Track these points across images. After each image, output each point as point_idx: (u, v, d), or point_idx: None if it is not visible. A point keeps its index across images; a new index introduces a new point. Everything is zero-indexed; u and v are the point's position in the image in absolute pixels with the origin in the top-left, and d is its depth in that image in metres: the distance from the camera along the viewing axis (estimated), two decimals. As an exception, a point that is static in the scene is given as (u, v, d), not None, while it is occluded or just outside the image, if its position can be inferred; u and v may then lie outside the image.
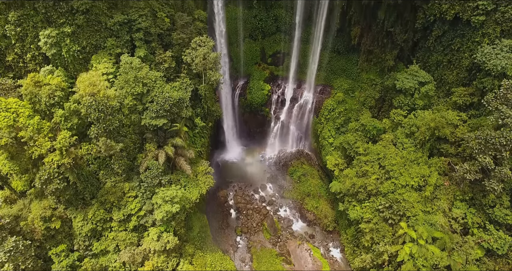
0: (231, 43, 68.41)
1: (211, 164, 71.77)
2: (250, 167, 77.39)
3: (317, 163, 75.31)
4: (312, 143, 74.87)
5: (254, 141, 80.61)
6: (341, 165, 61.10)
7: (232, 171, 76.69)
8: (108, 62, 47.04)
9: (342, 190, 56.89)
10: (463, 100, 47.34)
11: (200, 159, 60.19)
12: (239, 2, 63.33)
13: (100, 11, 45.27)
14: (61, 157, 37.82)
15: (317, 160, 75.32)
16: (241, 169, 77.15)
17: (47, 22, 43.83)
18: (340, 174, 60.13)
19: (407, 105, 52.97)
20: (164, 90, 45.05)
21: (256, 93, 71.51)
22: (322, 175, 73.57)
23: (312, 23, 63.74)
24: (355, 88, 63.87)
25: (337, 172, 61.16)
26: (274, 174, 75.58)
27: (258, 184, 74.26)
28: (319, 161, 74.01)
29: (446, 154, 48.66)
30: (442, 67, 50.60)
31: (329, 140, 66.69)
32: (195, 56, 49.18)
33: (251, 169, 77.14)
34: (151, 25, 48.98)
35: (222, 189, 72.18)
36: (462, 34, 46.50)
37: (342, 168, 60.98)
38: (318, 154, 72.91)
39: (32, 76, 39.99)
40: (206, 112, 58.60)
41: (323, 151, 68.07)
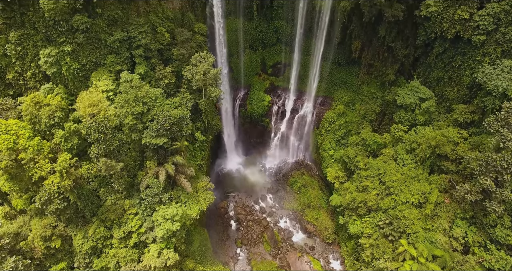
0: (231, 54, 68.22)
1: (211, 174, 72.41)
2: (250, 177, 77.35)
3: (317, 174, 75.29)
4: (313, 153, 74.83)
5: (254, 151, 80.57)
6: (341, 178, 61.19)
7: (232, 181, 76.68)
8: (108, 79, 46.88)
9: (342, 204, 56.96)
10: (464, 118, 47.25)
11: (201, 172, 60.18)
12: (240, 14, 63.07)
13: (100, 28, 45.07)
14: (61, 179, 37.76)
15: (317, 171, 75.29)
16: (241, 179, 77.10)
17: (47, 41, 43.69)
18: (340, 186, 60.25)
19: (407, 121, 52.92)
20: (164, 109, 44.95)
21: (256, 104, 71.42)
22: (322, 185, 73.57)
23: (312, 35, 63.59)
24: (355, 100, 63.75)
25: (337, 184, 61.26)
26: (274, 184, 75.56)
27: (258, 195, 74.25)
28: (319, 171, 74.00)
29: (447, 170, 48.61)
30: (443, 84, 50.49)
31: (330, 152, 66.70)
32: (195, 73, 49.04)
33: (252, 179, 77.11)
34: (151, 41, 48.82)
35: (222, 200, 72.19)
36: (463, 52, 46.37)
37: (342, 181, 61.10)
38: (318, 164, 72.90)
39: (32, 96, 39.90)
40: (206, 126, 58.53)
41: (324, 163, 68.09)
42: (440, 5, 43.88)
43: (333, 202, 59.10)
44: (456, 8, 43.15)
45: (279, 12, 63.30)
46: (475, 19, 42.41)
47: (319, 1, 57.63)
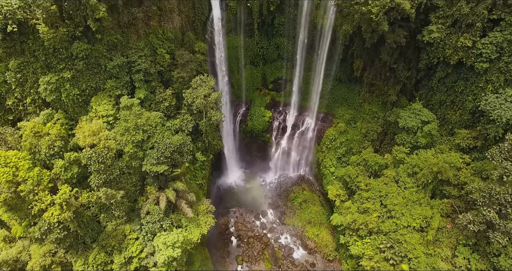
0: (232, 70, 67.86)
1: (211, 189, 72.25)
2: (251, 192, 77.14)
3: (318, 189, 75.06)
4: (314, 168, 74.59)
5: (255, 164, 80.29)
6: (342, 196, 60.97)
7: (232, 195, 76.50)
8: (108, 104, 46.56)
9: (343, 223, 56.75)
10: (467, 143, 46.92)
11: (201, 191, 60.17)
12: (240, 31, 62.65)
13: (99, 54, 44.72)
14: (62, 211, 37.50)
15: (318, 186, 75.07)
16: (242, 193, 76.90)
17: (47, 67, 43.33)
18: (341, 205, 60.06)
19: (409, 143, 52.62)
20: (164, 136, 44.69)
21: (257, 120, 71.10)
22: (323, 201, 73.36)
23: (314, 52, 63.21)
24: (357, 118, 63.42)
25: (338, 202, 61.05)
26: (275, 200, 75.36)
27: (259, 210, 74.06)
28: (320, 186, 73.78)
29: (449, 195, 48.35)
30: (445, 107, 50.14)
31: (331, 169, 66.49)
32: (196, 97, 48.71)
33: (252, 193, 76.90)
34: (151, 65, 48.49)
35: (223, 215, 71.98)
36: (465, 77, 46.00)
37: (343, 199, 60.88)
38: (319, 180, 72.69)
39: (31, 126, 39.62)
40: (207, 146, 58.22)
41: (325, 179, 67.89)
42: (442, 32, 43.47)
43: (334, 221, 58.87)
44: (459, 36, 42.75)
45: (280, 30, 62.86)
46: (478, 47, 42.02)
47: (320, 20, 57.23)
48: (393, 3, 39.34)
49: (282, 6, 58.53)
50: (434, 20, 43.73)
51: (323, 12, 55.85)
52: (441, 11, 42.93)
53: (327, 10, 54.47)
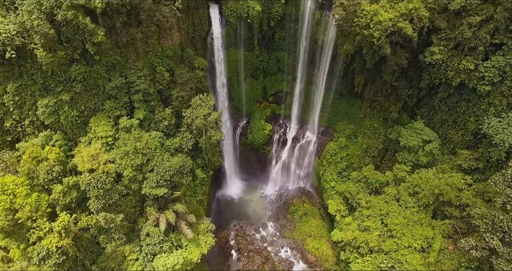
0: (232, 83, 67.45)
1: (211, 201, 71.96)
2: (251, 204, 76.90)
3: (318, 201, 74.76)
4: (314, 181, 74.27)
5: (255, 176, 79.97)
6: (342, 211, 60.62)
7: (233, 207, 76.28)
8: (107, 124, 46.18)
9: (343, 240, 56.46)
10: (468, 164, 46.54)
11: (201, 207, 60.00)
12: (240, 45, 62.15)
13: (98, 75, 44.31)
14: (60, 238, 37.19)
15: (318, 198, 74.76)
16: (242, 205, 76.65)
17: (45, 90, 42.94)
18: (341, 220, 59.78)
19: (410, 162, 52.22)
20: (164, 158, 44.35)
21: (257, 133, 70.72)
22: (323, 214, 73.07)
23: (315, 66, 62.76)
24: (357, 133, 63.04)
25: (338, 217, 60.73)
26: (275, 212, 75.08)
27: (259, 223, 73.79)
28: (320, 199, 73.47)
29: (450, 216, 48.02)
30: (447, 126, 49.70)
31: (331, 183, 66.19)
32: (195, 117, 48.33)
33: (252, 206, 76.66)
34: (150, 84, 48.06)
35: (223, 229, 71.74)
36: (467, 99, 45.56)
37: (343, 215, 60.54)
38: (319, 192, 72.40)
39: (30, 152, 39.28)
40: (207, 162, 57.84)
41: (325, 193, 67.62)
42: (444, 54, 43.04)
43: (335, 237, 58.52)
44: (461, 58, 42.30)
45: (280, 44, 62.39)
46: (480, 70, 41.56)
47: (321, 35, 56.76)
48: (395, 27, 38.88)
49: (282, 22, 58.04)
50: (436, 42, 43.31)
51: (324, 28, 55.38)
52: (443, 33, 42.51)
53: (328, 26, 53.99)
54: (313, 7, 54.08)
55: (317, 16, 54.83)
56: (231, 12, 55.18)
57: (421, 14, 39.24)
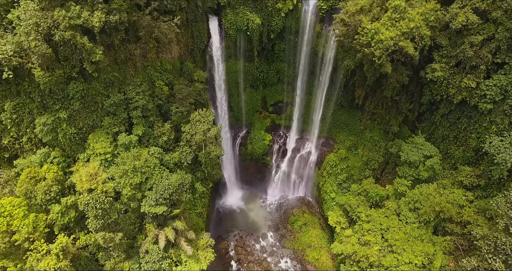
0: (232, 94, 67.04)
1: (211, 211, 71.64)
2: (251, 214, 76.59)
3: (318, 211, 74.47)
4: (314, 191, 73.96)
5: (255, 185, 79.69)
6: (343, 224, 60.41)
7: (232, 217, 75.95)
8: (106, 141, 45.87)
9: (344, 253, 56.21)
10: (470, 181, 46.20)
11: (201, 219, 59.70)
12: (240, 57, 61.69)
13: (96, 92, 44.00)
14: (58, 260, 36.88)
15: (318, 208, 74.47)
16: (241, 215, 76.36)
17: (42, 108, 42.60)
18: (341, 232, 59.59)
19: (411, 176, 51.89)
20: (163, 177, 44.00)
21: (257, 144, 70.38)
22: (323, 224, 72.78)
23: (315, 77, 62.36)
24: (358, 145, 62.65)
25: (338, 229, 60.53)
26: (275, 222, 74.80)
27: (259, 233, 73.52)
28: (320, 209, 73.19)
29: (452, 232, 47.73)
30: (448, 142, 49.34)
31: (331, 195, 65.90)
32: (194, 133, 47.95)
33: (252, 215, 76.35)
34: (149, 100, 47.68)
35: (223, 239, 71.48)
36: (469, 115, 45.17)
37: (343, 227, 60.33)
38: (319, 202, 72.10)
39: (27, 171, 38.93)
40: (207, 176, 57.52)
41: (325, 204, 67.35)
42: (446, 71, 42.62)
43: (335, 250, 58.20)
44: (463, 76, 41.89)
45: (280, 55, 61.92)
46: (482, 88, 41.16)
47: (321, 48, 56.35)
48: (396, 46, 38.45)
49: (282, 34, 57.56)
50: (438, 59, 42.90)
51: (325, 41, 54.97)
52: (444, 50, 42.08)
53: (329, 39, 53.56)
54: (314, 20, 53.65)
55: (317, 29, 54.39)
56: (230, 25, 54.71)
57: (422, 33, 38.82)
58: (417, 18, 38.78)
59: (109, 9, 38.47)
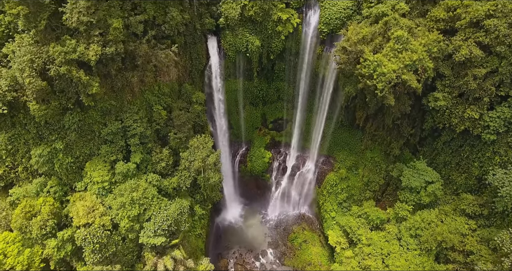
0: (231, 112, 66.28)
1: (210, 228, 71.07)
2: (250, 230, 76.00)
3: (318, 227, 73.90)
4: (314, 207, 73.41)
5: (254, 200, 79.06)
6: (343, 244, 60.00)
7: (232, 234, 75.40)
8: (103, 169, 45.15)
9: (344, 274, 55.86)
10: (472, 210, 45.59)
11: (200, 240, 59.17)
12: (239, 75, 60.87)
13: (93, 120, 43.24)
14: (55, 298, 36.33)
15: (318, 224, 73.89)
16: (241, 231, 75.79)
17: (38, 138, 41.83)
18: (342, 252, 59.26)
19: (412, 201, 51.27)
20: (161, 207, 43.38)
21: (256, 161, 69.72)
22: (323, 241, 72.23)
23: (315, 96, 61.56)
24: (358, 165, 61.96)
25: (338, 249, 60.16)
26: (274, 239, 74.26)
27: (258, 250, 72.98)
28: (320, 226, 72.61)
29: (454, 261, 47.20)
30: (450, 168, 48.69)
31: (331, 214, 65.30)
32: (193, 160, 47.25)
33: (252, 231, 75.77)
34: (147, 127, 46.93)
35: (222, 257, 70.98)
36: (472, 144, 44.51)
37: (344, 247, 59.92)
38: (319, 219, 71.54)
39: (22, 206, 38.30)
40: (206, 198, 56.89)
41: (325, 223, 66.77)
42: (449, 101, 41.88)
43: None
44: (466, 107, 41.16)
45: (280, 75, 61.08)
46: (485, 119, 40.49)
47: (322, 69, 55.56)
48: (399, 79, 37.70)
49: (282, 55, 56.69)
50: (440, 88, 42.14)
51: (325, 63, 54.17)
52: (447, 80, 41.30)
53: (329, 62, 52.75)
54: (314, 42, 52.81)
55: (318, 51, 53.55)
56: (229, 46, 53.88)
57: (425, 65, 38.05)
58: (420, 50, 38.00)
59: (105, 41, 37.66)
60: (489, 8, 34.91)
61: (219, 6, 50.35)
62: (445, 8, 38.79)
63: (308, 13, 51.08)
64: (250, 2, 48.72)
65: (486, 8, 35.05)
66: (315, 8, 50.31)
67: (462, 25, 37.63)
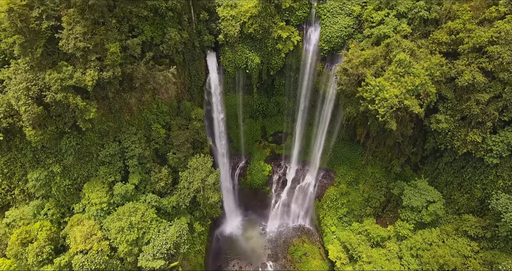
0: (230, 126, 65.71)
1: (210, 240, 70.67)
2: (250, 242, 75.49)
3: (318, 240, 73.47)
4: (314, 220, 72.94)
5: (254, 212, 78.56)
6: (343, 259, 59.61)
7: (232, 246, 74.85)
8: (101, 190, 44.65)
9: (345, 292, 55.49)
10: (475, 232, 45.11)
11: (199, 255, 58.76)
12: (239, 90, 60.26)
13: (90, 142, 42.68)
14: None
15: (318, 237, 73.46)
16: (241, 243, 75.26)
17: (35, 161, 41.25)
18: (342, 267, 58.89)
19: (413, 220, 50.84)
20: (160, 230, 42.86)
21: (256, 175, 69.23)
22: (323, 253, 71.78)
23: (316, 110, 61.07)
24: (359, 179, 61.45)
25: (338, 264, 59.85)
26: (274, 251, 73.79)
27: (258, 262, 72.47)
28: (320, 238, 72.20)
29: (455, 282, 46.75)
30: (451, 188, 48.20)
31: (331, 228, 64.89)
32: (193, 180, 46.72)
33: (252, 243, 75.26)
34: (145, 147, 46.35)
35: (222, 270, 70.46)
36: (474, 166, 44.00)
37: (344, 262, 59.53)
38: (319, 231, 71.13)
39: (18, 233, 37.67)
40: (205, 214, 56.37)
41: (325, 237, 66.40)
42: (451, 123, 41.33)
43: (335, 288, 57.59)
44: (468, 130, 40.60)
45: (280, 90, 60.49)
46: (488, 143, 39.97)
47: (323, 86, 55.00)
48: (401, 104, 37.12)
49: (282, 70, 56.06)
50: (442, 110, 41.59)
51: (326, 80, 53.60)
52: (449, 103, 40.74)
53: (330, 79, 52.18)
54: (315, 59, 52.21)
55: (319, 68, 52.95)
56: (229, 63, 53.23)
57: (428, 90, 37.48)
58: (422, 74, 37.41)
59: (102, 65, 37.03)
60: (492, 35, 34.31)
61: (218, 23, 49.67)
62: (447, 31, 38.18)
63: (309, 30, 50.44)
64: (249, 19, 48.06)
65: (489, 34, 34.45)
66: (316, 25, 49.68)
67: (464, 50, 37.05)
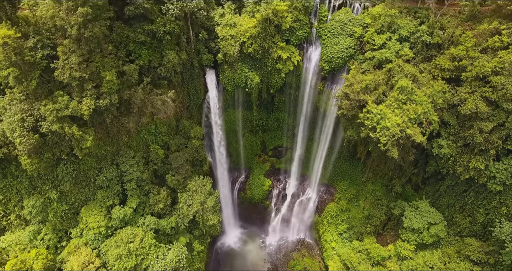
0: (230, 141, 65.07)
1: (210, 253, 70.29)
2: (250, 255, 75.06)
3: (318, 253, 73.07)
4: (314, 233, 72.51)
5: (254, 224, 78.09)
6: (343, 276, 59.18)
7: (232, 259, 74.45)
8: (99, 214, 44.14)
9: (345, 311, 55.13)
10: (478, 257, 44.60)
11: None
12: (239, 106, 59.60)
13: (88, 167, 42.09)
14: None
15: (318, 250, 73.07)
16: (241, 257, 74.84)
17: (31, 188, 40.68)
18: (342, 284, 58.45)
19: (414, 241, 50.34)
20: (159, 256, 42.37)
21: (256, 189, 68.73)
22: (323, 268, 71.38)
23: (316, 126, 60.46)
24: (359, 196, 60.93)
25: (339, 281, 59.35)
26: (274, 265, 73.39)
27: (258, 276, 72.18)
28: (320, 252, 71.82)
29: (457, 305, 46.33)
30: (453, 210, 47.69)
31: (331, 244, 64.43)
32: (192, 203, 46.20)
33: (251, 257, 74.83)
34: (144, 170, 45.80)
35: (221, 285, 70.21)
36: (477, 191, 43.47)
37: (344, 280, 59.11)
38: (319, 244, 70.73)
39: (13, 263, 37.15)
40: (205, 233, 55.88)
41: (325, 252, 65.99)
42: (453, 149, 40.73)
43: (336, 307, 57.19)
44: (471, 157, 40.01)
45: (280, 106, 59.80)
46: (491, 170, 39.40)
47: (323, 104, 54.36)
48: (403, 133, 36.50)
49: (282, 88, 55.37)
50: (445, 135, 40.96)
51: (326, 98, 52.95)
52: (452, 128, 40.12)
53: (331, 97, 51.53)
54: (315, 78, 51.55)
55: (319, 87, 52.29)
56: (228, 81, 52.51)
57: (430, 118, 36.86)
58: (424, 101, 36.77)
59: (99, 93, 36.39)
60: (495, 65, 33.65)
61: (218, 42, 48.94)
62: (450, 57, 37.52)
63: (309, 49, 49.74)
64: (249, 39, 47.32)
65: (493, 65, 33.80)
66: (317, 44, 48.96)
67: (468, 78, 36.40)
